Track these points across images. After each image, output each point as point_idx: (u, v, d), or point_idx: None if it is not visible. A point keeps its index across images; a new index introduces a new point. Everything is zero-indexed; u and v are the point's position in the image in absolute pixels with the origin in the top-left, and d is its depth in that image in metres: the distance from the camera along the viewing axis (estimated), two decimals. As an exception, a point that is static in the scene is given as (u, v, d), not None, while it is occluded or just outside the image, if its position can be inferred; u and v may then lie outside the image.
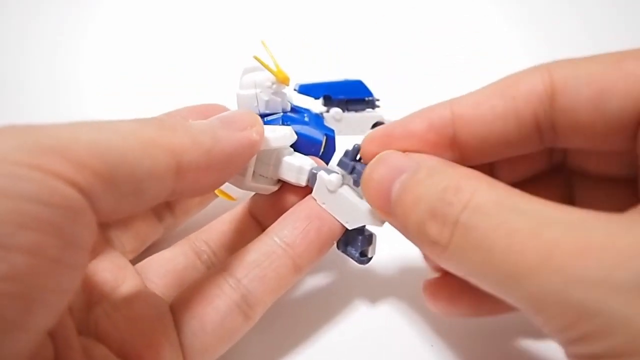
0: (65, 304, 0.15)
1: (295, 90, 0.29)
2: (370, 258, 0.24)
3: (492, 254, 0.16)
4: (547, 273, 0.14)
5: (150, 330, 0.20)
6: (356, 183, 0.22)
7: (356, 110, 0.30)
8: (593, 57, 0.19)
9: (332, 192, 0.23)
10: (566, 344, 0.15)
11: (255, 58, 0.24)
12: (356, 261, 0.24)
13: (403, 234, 0.20)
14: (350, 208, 0.22)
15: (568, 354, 0.16)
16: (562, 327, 0.15)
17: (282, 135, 0.23)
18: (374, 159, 0.21)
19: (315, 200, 0.23)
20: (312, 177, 0.23)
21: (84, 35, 0.47)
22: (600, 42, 0.46)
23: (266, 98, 0.25)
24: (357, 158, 0.23)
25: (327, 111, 0.30)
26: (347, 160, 0.23)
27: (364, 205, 0.22)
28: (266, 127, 0.22)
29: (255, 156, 0.23)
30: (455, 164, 0.19)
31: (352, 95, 0.30)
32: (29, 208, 0.13)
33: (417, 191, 0.18)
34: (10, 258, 0.13)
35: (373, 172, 0.20)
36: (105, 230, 0.25)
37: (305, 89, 0.29)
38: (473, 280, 0.17)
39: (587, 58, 0.19)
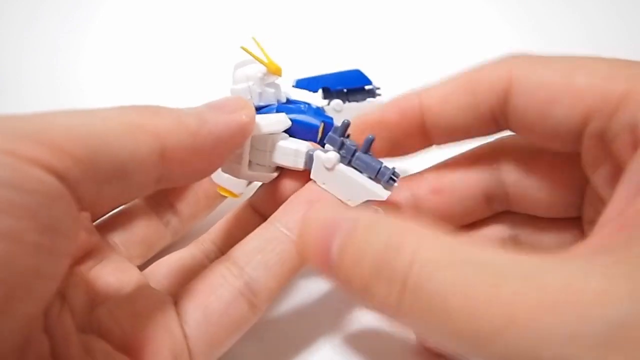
0: (52, 291, 0.15)
1: (293, 86, 0.29)
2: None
3: (449, 315, 0.14)
4: (514, 335, 0.13)
5: (150, 323, 0.20)
6: (344, 159, 0.22)
7: (357, 101, 0.30)
8: (551, 62, 0.20)
9: (329, 169, 0.22)
10: None
11: (243, 49, 0.24)
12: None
13: (350, 295, 0.17)
14: (350, 184, 0.22)
15: None
16: None
17: (275, 120, 0.23)
18: (304, 216, 0.19)
19: (315, 182, 0.23)
20: (310, 159, 0.23)
21: (85, 34, 0.47)
22: (600, 42, 0.45)
23: (259, 90, 0.25)
24: (346, 134, 0.22)
25: (328, 104, 0.29)
26: (335, 136, 0.22)
27: (364, 180, 0.22)
28: (258, 115, 0.22)
29: (249, 143, 0.22)
30: (394, 218, 0.17)
31: (350, 85, 0.29)
32: (2, 193, 0.13)
33: (357, 250, 0.16)
34: None
35: (307, 233, 0.18)
36: (108, 235, 0.25)
37: (303, 83, 0.29)
38: (433, 340, 0.16)
39: (546, 61, 0.20)
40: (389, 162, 0.22)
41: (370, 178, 0.22)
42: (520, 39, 0.46)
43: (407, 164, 0.27)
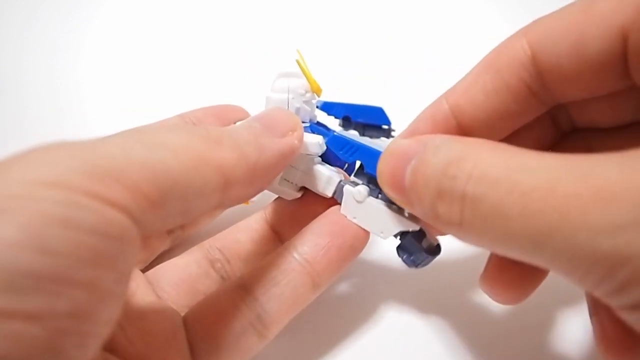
0: (109, 333, 0.14)
1: (317, 107, 0.29)
2: (439, 246, 0.23)
3: (509, 220, 0.14)
4: (570, 229, 0.13)
5: (164, 346, 0.19)
6: (373, 192, 0.23)
7: (371, 137, 0.30)
8: (564, 9, 0.19)
9: (360, 202, 0.22)
10: (609, 297, 0.14)
11: (297, 63, 0.24)
12: (431, 256, 0.22)
13: (425, 220, 0.19)
14: (382, 217, 0.22)
15: (616, 309, 0.15)
16: (598, 280, 0.14)
17: (315, 142, 0.23)
18: (384, 152, 0.20)
19: (345, 216, 0.23)
20: (340, 190, 0.23)
21: (85, 34, 0.46)
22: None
23: (297, 105, 0.25)
24: None
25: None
26: (363, 171, 0.23)
27: (394, 212, 0.22)
28: None
29: None
30: (461, 137, 0.18)
31: (371, 121, 0.30)
32: (89, 241, 0.12)
33: (425, 173, 0.17)
34: (72, 294, 0.12)
35: (384, 166, 0.19)
36: None
37: (327, 107, 0.29)
38: (497, 250, 0.16)
39: (558, 11, 0.19)
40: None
41: (400, 208, 0.22)
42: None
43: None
